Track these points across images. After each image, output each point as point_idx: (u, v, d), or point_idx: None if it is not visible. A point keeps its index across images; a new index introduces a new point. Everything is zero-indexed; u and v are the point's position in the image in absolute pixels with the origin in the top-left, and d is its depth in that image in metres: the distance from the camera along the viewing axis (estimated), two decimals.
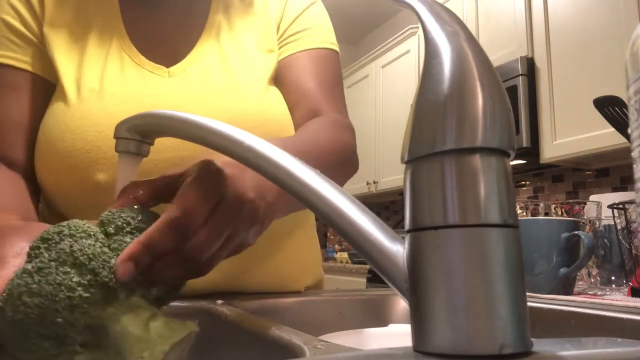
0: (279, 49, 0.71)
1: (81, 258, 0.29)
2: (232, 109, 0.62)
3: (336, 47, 0.74)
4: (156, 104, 0.60)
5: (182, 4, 0.69)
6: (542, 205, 0.97)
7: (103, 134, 0.58)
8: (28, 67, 0.64)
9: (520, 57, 2.40)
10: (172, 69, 0.65)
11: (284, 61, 0.70)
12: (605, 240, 0.85)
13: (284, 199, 0.45)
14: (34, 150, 0.62)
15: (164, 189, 0.38)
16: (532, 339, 0.24)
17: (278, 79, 0.70)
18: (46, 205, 0.65)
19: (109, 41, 0.65)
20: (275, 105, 0.66)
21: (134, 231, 0.33)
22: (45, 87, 0.64)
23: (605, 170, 2.47)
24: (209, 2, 0.71)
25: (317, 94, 0.68)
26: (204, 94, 0.63)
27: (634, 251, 0.75)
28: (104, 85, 0.61)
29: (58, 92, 0.62)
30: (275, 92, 0.68)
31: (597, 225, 0.87)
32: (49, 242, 0.30)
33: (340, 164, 0.63)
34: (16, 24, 0.64)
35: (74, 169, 0.58)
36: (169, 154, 0.59)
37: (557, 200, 2.42)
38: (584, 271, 0.90)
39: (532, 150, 2.36)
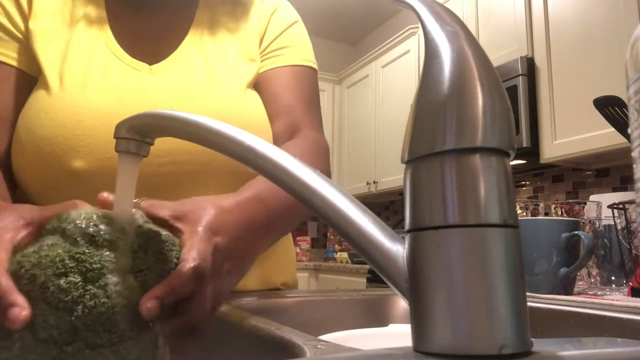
0: (262, 61, 0.73)
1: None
2: (212, 109, 0.63)
3: (315, 65, 0.78)
4: (137, 98, 0.62)
5: (167, 7, 0.71)
6: (542, 205, 0.97)
7: (83, 122, 0.59)
8: (11, 62, 0.64)
9: (520, 57, 2.40)
10: (154, 66, 0.66)
11: (266, 74, 0.73)
12: (605, 240, 0.85)
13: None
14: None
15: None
16: (532, 339, 0.24)
17: (259, 90, 0.72)
18: (23, 198, 0.65)
19: (93, 37, 0.66)
20: (254, 109, 0.68)
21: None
22: (29, 83, 0.65)
23: (605, 170, 2.47)
24: (195, 6, 0.73)
25: (297, 109, 0.71)
26: (185, 93, 0.64)
27: (634, 251, 0.75)
28: (87, 78, 0.62)
29: (40, 83, 0.63)
30: (254, 95, 0.70)
31: (597, 225, 0.87)
32: (84, 267, 0.33)
33: None
34: (1, 19, 0.65)
35: (51, 156, 0.59)
36: (167, 159, 0.60)
37: (557, 200, 2.43)
38: (584, 271, 0.90)
39: (532, 150, 2.36)
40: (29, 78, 0.65)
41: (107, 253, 0.33)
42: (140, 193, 0.40)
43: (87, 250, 0.33)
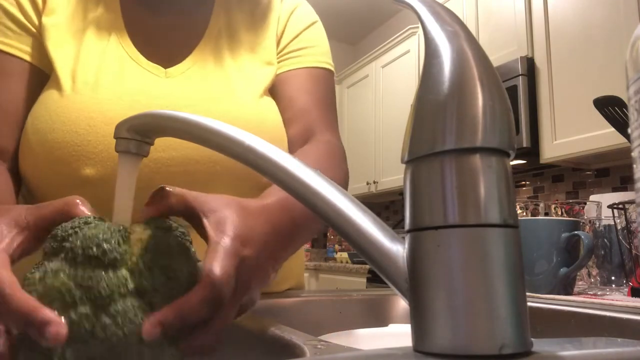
0: (279, 62, 0.72)
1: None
2: (228, 115, 0.62)
3: (332, 67, 0.77)
4: (151, 103, 0.60)
5: (183, 7, 0.69)
6: (542, 205, 0.97)
7: (95, 128, 0.57)
8: (23, 55, 0.63)
9: (520, 57, 2.40)
10: (170, 70, 0.65)
11: (283, 76, 0.71)
12: (605, 240, 0.85)
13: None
14: (19, 138, 0.61)
15: (187, 211, 0.38)
16: (532, 339, 0.24)
17: (275, 93, 0.71)
18: (29, 197, 0.64)
19: (107, 36, 0.65)
20: (270, 115, 0.67)
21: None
22: (41, 78, 0.63)
23: (605, 170, 2.47)
24: (211, 8, 0.71)
25: (313, 112, 0.70)
26: (201, 98, 0.63)
27: (634, 251, 0.75)
28: (100, 79, 0.61)
29: (51, 82, 0.62)
30: (270, 102, 0.68)
31: (597, 225, 0.87)
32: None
33: None
34: (15, 11, 0.63)
35: (60, 162, 0.57)
36: (178, 169, 0.59)
37: (557, 200, 2.43)
38: (584, 271, 0.90)
39: (532, 150, 2.36)
40: (42, 73, 0.63)
41: (114, 274, 0.32)
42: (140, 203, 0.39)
43: (92, 274, 0.31)
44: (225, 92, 0.64)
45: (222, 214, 0.37)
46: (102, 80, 0.61)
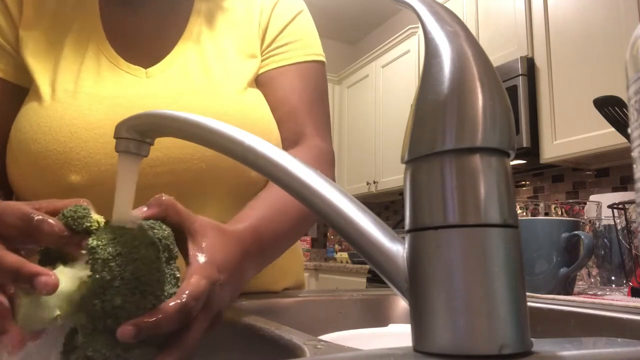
0: (266, 59, 0.70)
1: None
2: (211, 111, 0.61)
3: (323, 58, 0.74)
4: (132, 105, 0.59)
5: (163, 5, 0.69)
6: (542, 205, 0.97)
7: (76, 134, 0.57)
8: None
9: (520, 57, 2.40)
10: (150, 70, 0.64)
11: (270, 74, 0.69)
12: (605, 240, 0.85)
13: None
14: (3, 154, 0.62)
15: (177, 224, 0.40)
16: (532, 339, 0.24)
17: (265, 93, 0.69)
18: None
19: (86, 42, 0.64)
20: (255, 108, 0.65)
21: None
22: (18, 94, 0.63)
23: (605, 170, 2.47)
24: (190, 4, 0.70)
25: (303, 115, 0.68)
26: (182, 96, 0.62)
27: (634, 251, 0.75)
28: (79, 86, 0.61)
29: (32, 94, 0.62)
30: (255, 94, 0.67)
31: (597, 225, 0.87)
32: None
33: None
34: None
35: (46, 170, 0.57)
36: (163, 168, 0.58)
37: (557, 200, 2.42)
38: (584, 271, 0.90)
39: (532, 150, 2.36)
40: (19, 89, 0.63)
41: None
42: (139, 205, 0.40)
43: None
44: (206, 87, 0.63)
45: (206, 238, 0.41)
46: (81, 86, 0.60)
